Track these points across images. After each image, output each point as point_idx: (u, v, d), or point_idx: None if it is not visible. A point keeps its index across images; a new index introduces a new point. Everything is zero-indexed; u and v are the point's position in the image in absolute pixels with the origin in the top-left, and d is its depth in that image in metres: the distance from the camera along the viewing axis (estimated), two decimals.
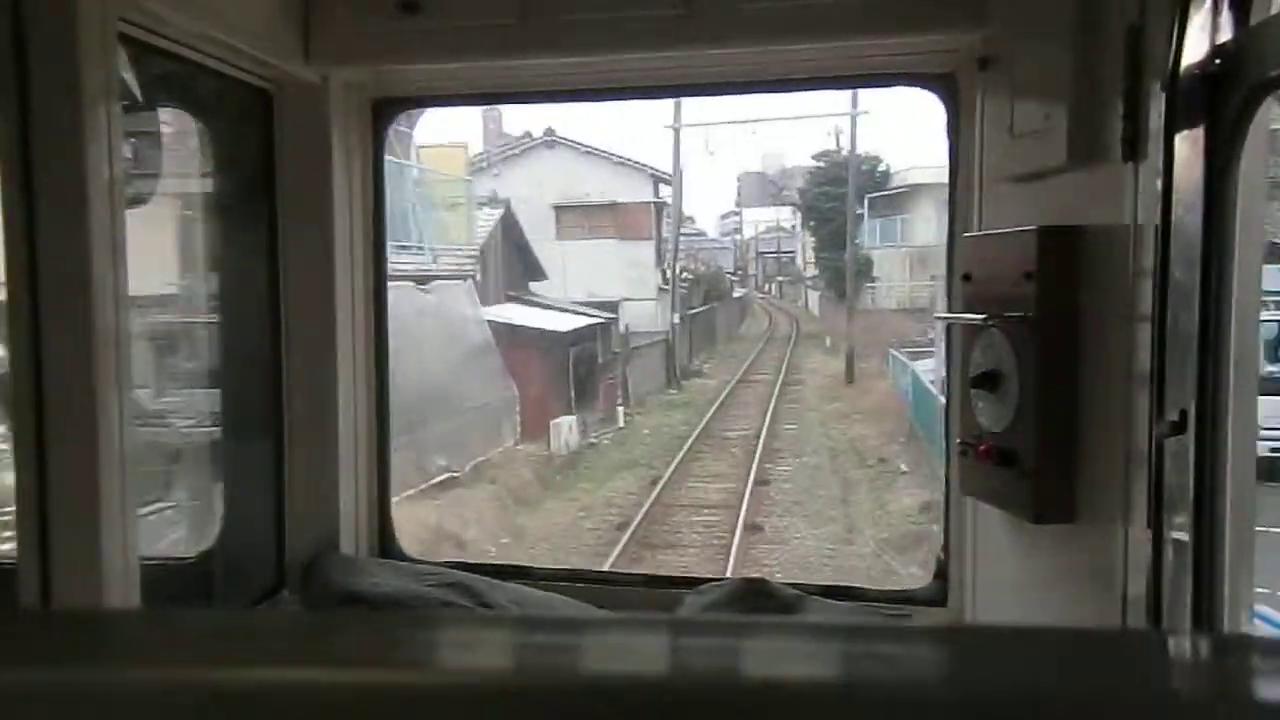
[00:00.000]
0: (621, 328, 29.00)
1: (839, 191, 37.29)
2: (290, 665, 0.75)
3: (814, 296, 48.59)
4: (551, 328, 23.86)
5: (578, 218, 32.16)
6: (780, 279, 59.84)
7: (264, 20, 3.08)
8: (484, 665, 0.81)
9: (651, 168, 33.64)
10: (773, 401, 26.57)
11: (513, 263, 26.03)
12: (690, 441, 21.68)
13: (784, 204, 53.08)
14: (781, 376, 30.98)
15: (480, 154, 30.92)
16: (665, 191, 33.83)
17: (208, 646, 0.80)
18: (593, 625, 1.04)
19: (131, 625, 0.93)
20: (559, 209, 31.93)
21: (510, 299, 24.76)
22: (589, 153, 31.97)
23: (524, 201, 27.94)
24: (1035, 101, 2.51)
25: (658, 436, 22.96)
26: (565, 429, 21.64)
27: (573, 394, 23.41)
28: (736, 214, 59.39)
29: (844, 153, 37.91)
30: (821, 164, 41.11)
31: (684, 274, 37.68)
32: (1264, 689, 0.80)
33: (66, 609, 2.22)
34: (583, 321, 25.78)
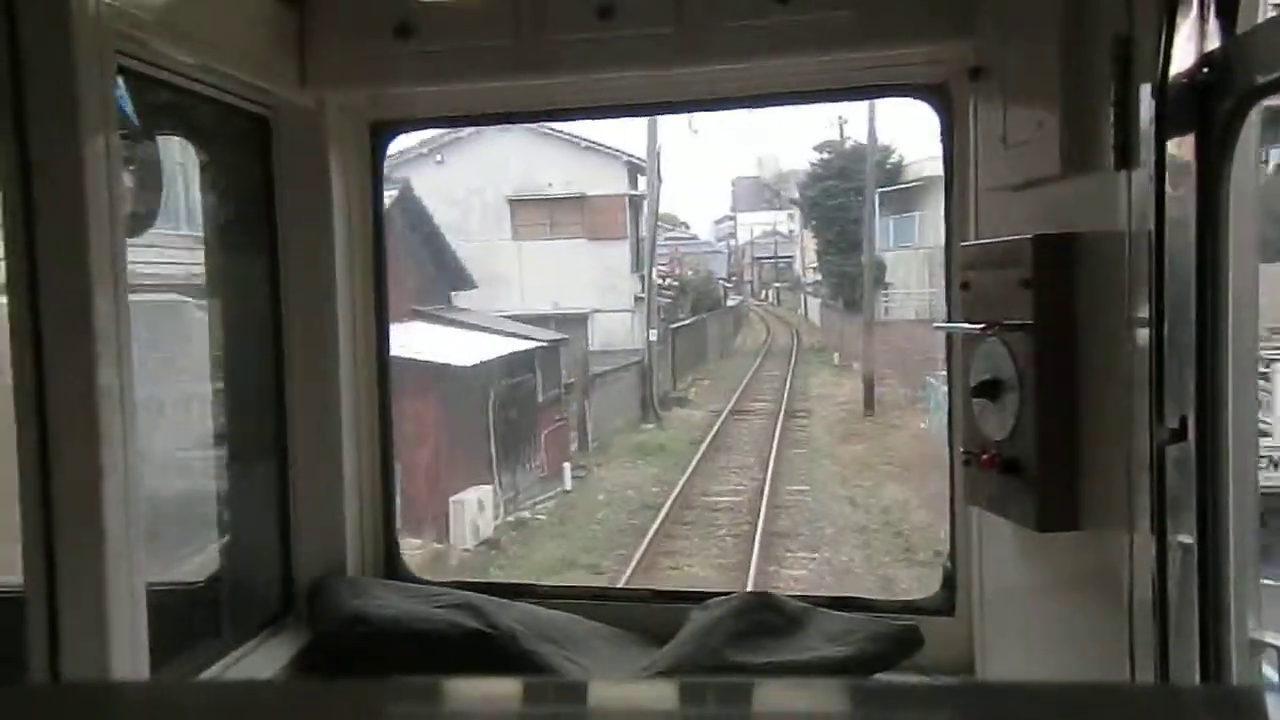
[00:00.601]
0: (593, 344, 24.19)
1: (845, 187, 32.65)
2: None
3: (814, 304, 44.29)
4: (458, 361, 16.69)
5: (538, 213, 26.21)
6: (778, 285, 57.04)
7: (260, 48, 3.11)
8: None
9: (627, 154, 27.05)
10: (774, 444, 20.03)
11: (423, 267, 18.91)
12: (661, 517, 15.49)
13: (780, 208, 50.07)
14: (784, 405, 24.49)
15: (423, 139, 23.50)
16: (645, 184, 27.27)
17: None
18: (596, 690, 1.03)
19: (137, 698, 0.93)
20: (515, 203, 26.06)
21: (419, 316, 17.46)
22: (551, 135, 24.55)
23: (474, 193, 23.55)
24: (1027, 110, 2.52)
25: (617, 506, 16.64)
26: (473, 508, 15.21)
27: (494, 451, 17.02)
28: (731, 218, 57.12)
29: (849, 143, 33.51)
30: (825, 155, 35.18)
31: (668, 281, 33.38)
32: None
33: (73, 682, 2.21)
34: (510, 348, 18.67)
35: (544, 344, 20.58)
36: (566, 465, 18.79)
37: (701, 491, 17.17)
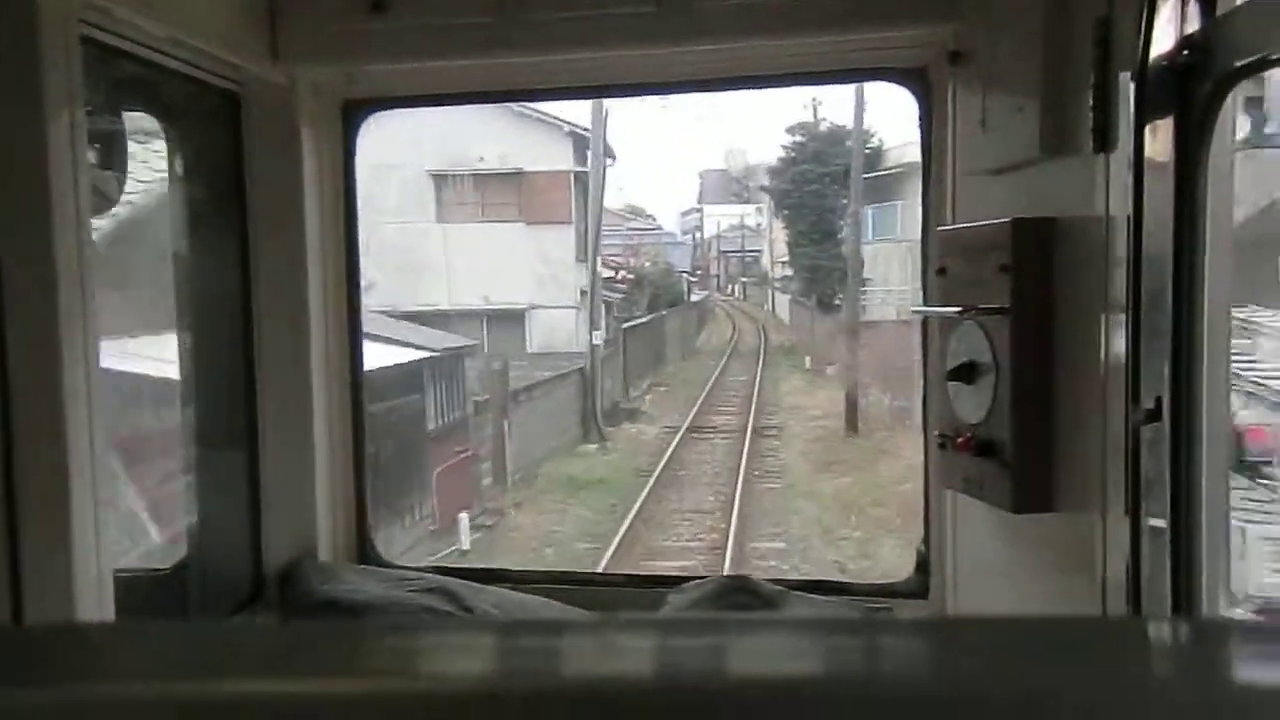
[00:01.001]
0: (532, 344, 20.86)
1: (820, 173, 29.95)
2: (266, 677, 0.74)
3: (782, 301, 40.93)
4: None
5: (467, 191, 22.54)
6: (744, 280, 55.19)
7: (229, 21, 3.04)
8: (463, 672, 0.79)
9: (571, 124, 22.75)
10: (740, 475, 16.05)
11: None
12: None
13: (749, 201, 48.05)
14: (752, 420, 20.60)
15: None
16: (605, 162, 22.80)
17: (181, 660, 0.78)
18: (571, 628, 1.03)
19: (103, 639, 0.91)
20: (439, 178, 22.29)
21: None
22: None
23: (392, 169, 19.61)
24: (1006, 94, 2.52)
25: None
26: None
27: None
28: (698, 211, 55.57)
29: (824, 125, 30.73)
30: (798, 139, 31.73)
31: (621, 274, 30.21)
32: (1243, 671, 0.80)
33: (37, 625, 2.18)
34: (396, 359, 13.72)
35: (436, 354, 15.24)
36: (464, 516, 13.91)
37: (645, 550, 12.99)
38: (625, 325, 25.82)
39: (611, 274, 28.12)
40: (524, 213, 22.85)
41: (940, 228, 2.93)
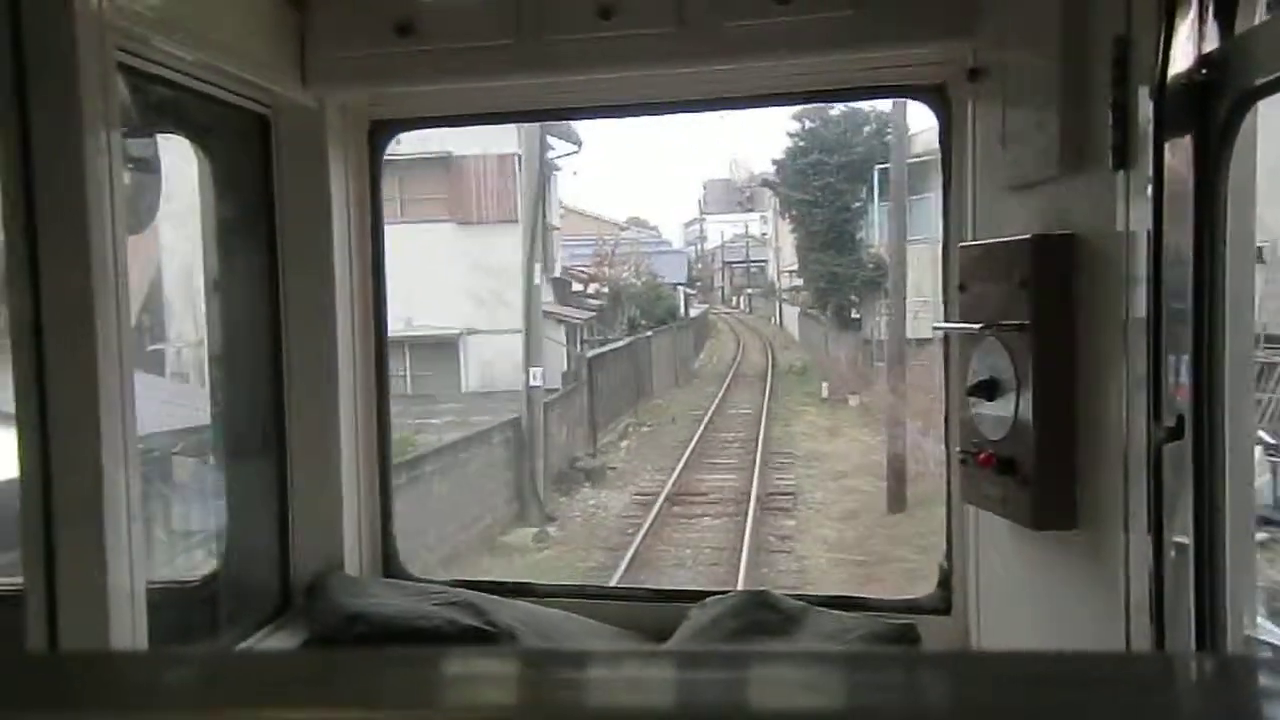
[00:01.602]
0: (469, 382, 15.76)
1: (834, 164, 25.26)
2: (289, 706, 0.76)
3: (791, 313, 36.60)
4: None
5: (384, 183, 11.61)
6: (749, 291, 52.01)
7: (260, 46, 3.11)
8: (484, 702, 0.81)
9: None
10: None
11: None
12: None
13: (753, 209, 45.77)
14: (756, 482, 15.09)
15: None
16: (558, 147, 17.25)
17: (212, 688, 0.80)
18: (593, 659, 1.04)
19: (136, 667, 0.93)
20: None
21: None
22: None
23: None
24: (1026, 111, 2.53)
25: None
26: None
27: None
28: (701, 221, 53.07)
29: (836, 109, 25.92)
30: (808, 124, 26.56)
31: (592, 288, 25.00)
32: (1269, 711, 0.80)
33: (71, 651, 2.22)
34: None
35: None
36: None
37: None
38: (591, 354, 20.07)
39: (581, 288, 23.25)
40: (454, 210, 17.47)
41: (961, 244, 2.94)
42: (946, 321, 3.04)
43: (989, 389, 2.60)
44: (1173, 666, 1.08)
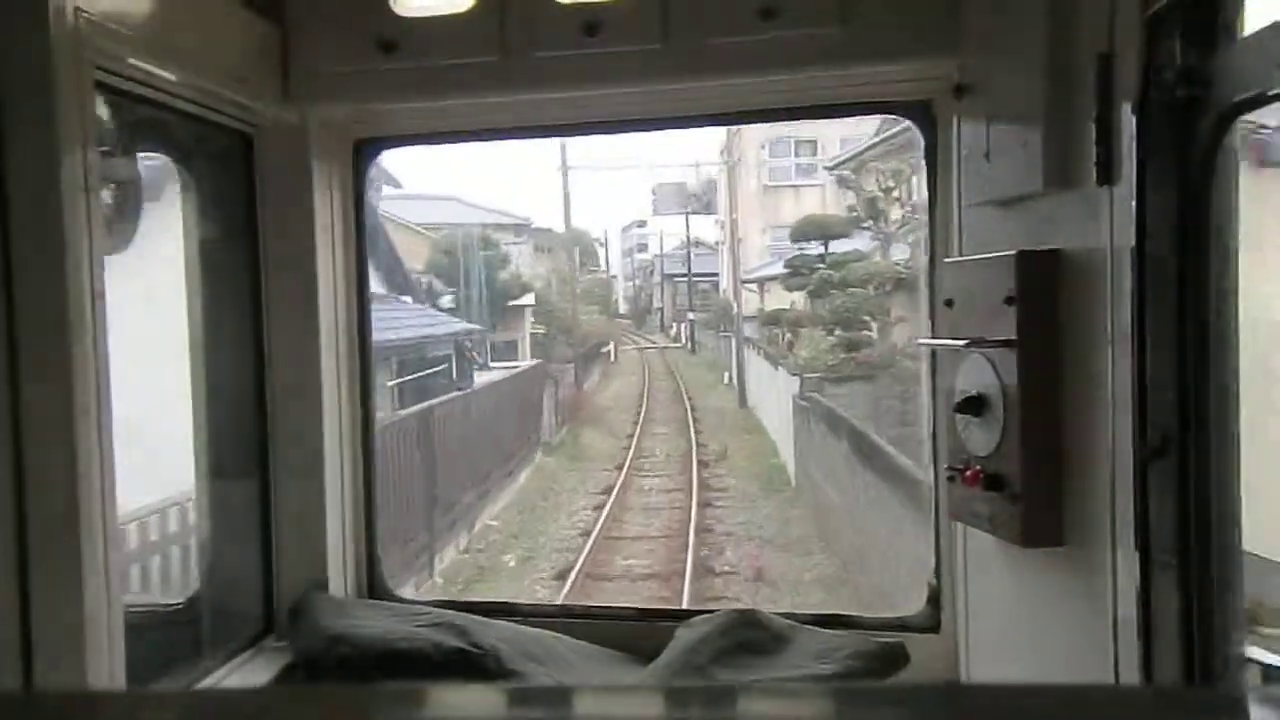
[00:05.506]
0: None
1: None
2: None
3: (760, 365, 23.16)
4: None
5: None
6: (693, 318, 35.86)
7: (241, 62, 3.09)
8: None
9: None
10: None
11: None
12: None
13: (710, 213, 34.62)
14: None
15: None
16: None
17: None
18: (579, 695, 1.02)
19: (112, 708, 0.91)
20: None
21: None
22: None
23: None
24: (1010, 127, 2.53)
25: None
26: None
27: None
28: (643, 224, 42.76)
29: None
30: None
31: None
32: None
33: (46, 691, 2.17)
34: None
35: None
36: None
37: None
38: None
39: None
40: None
41: (946, 259, 2.94)
42: (933, 338, 3.03)
43: (976, 405, 2.59)
44: (1164, 702, 1.06)
